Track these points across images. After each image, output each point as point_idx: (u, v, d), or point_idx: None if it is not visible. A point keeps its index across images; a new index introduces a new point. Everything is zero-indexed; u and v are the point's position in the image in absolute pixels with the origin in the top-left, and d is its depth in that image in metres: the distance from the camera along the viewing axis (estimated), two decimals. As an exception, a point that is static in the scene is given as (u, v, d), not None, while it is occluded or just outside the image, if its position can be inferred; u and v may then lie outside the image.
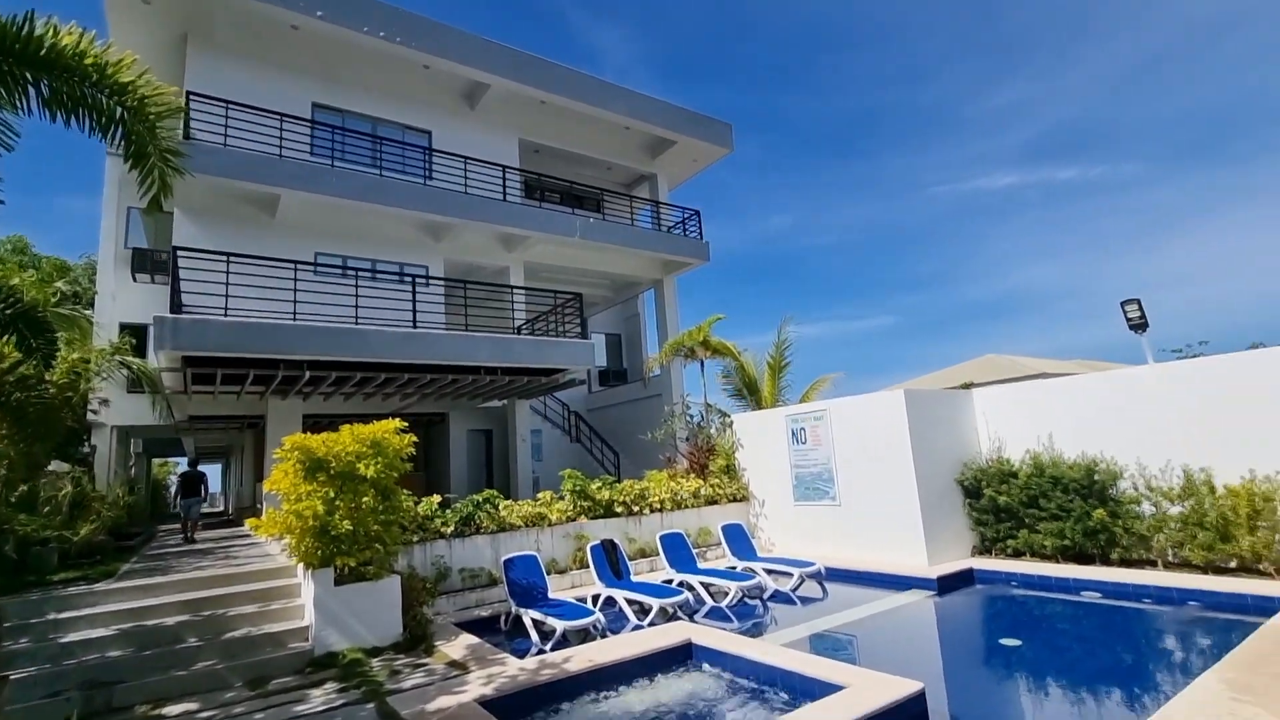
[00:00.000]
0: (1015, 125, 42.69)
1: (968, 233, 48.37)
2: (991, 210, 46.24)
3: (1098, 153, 42.38)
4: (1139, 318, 9.20)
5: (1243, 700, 4.08)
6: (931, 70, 43.38)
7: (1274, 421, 7.79)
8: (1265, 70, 37.13)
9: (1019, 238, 45.79)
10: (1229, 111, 38.25)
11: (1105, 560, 8.71)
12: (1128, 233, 42.22)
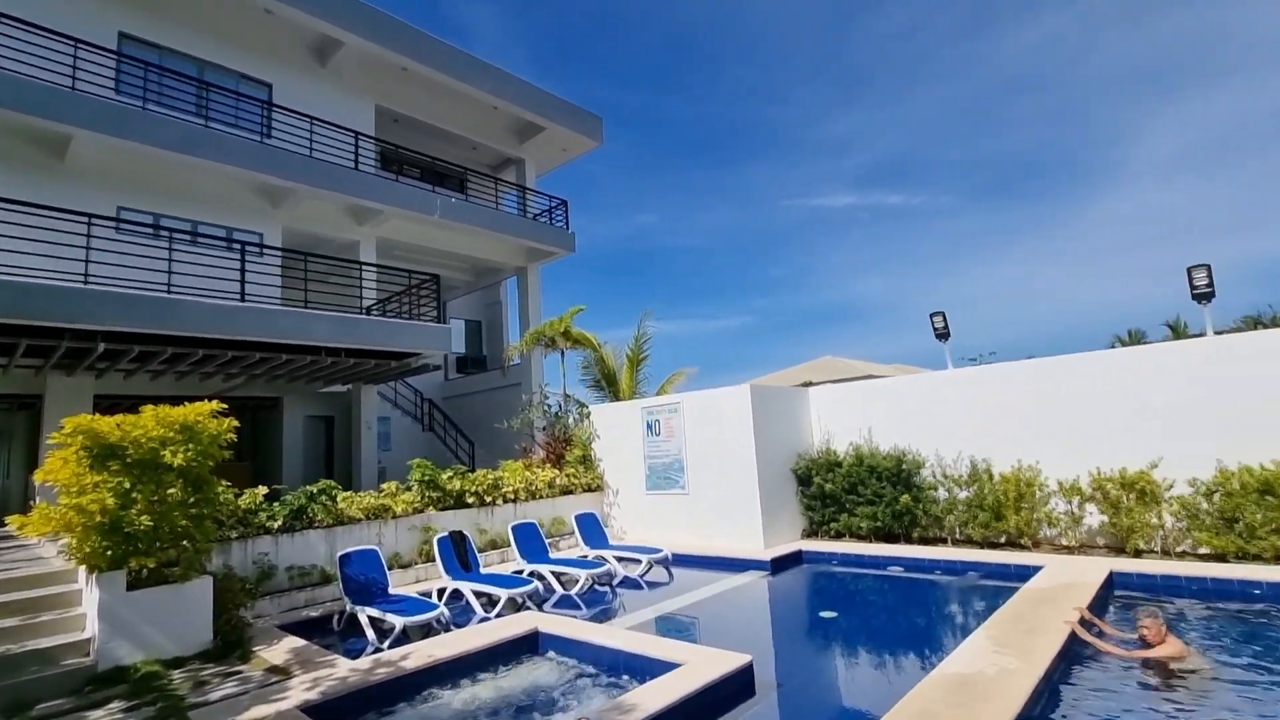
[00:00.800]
0: (854, 151, 47.27)
1: (812, 244, 52.81)
2: (832, 226, 50.87)
3: (919, 184, 48.18)
4: (943, 328, 10.60)
5: (1002, 652, 4.88)
6: (788, 91, 46.66)
7: (1035, 419, 9.35)
8: (1053, 126, 44.14)
9: (854, 253, 50.79)
10: (1022, 159, 45.14)
11: (908, 539, 9.95)
12: (940, 255, 48.41)
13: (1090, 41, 38.19)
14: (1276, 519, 7.22)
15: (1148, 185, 39.55)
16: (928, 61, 42.20)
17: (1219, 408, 8.01)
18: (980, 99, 43.18)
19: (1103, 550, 8.52)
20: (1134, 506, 8.17)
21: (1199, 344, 8.57)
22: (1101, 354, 9.22)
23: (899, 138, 46.36)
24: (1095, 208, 41.30)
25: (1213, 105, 36.88)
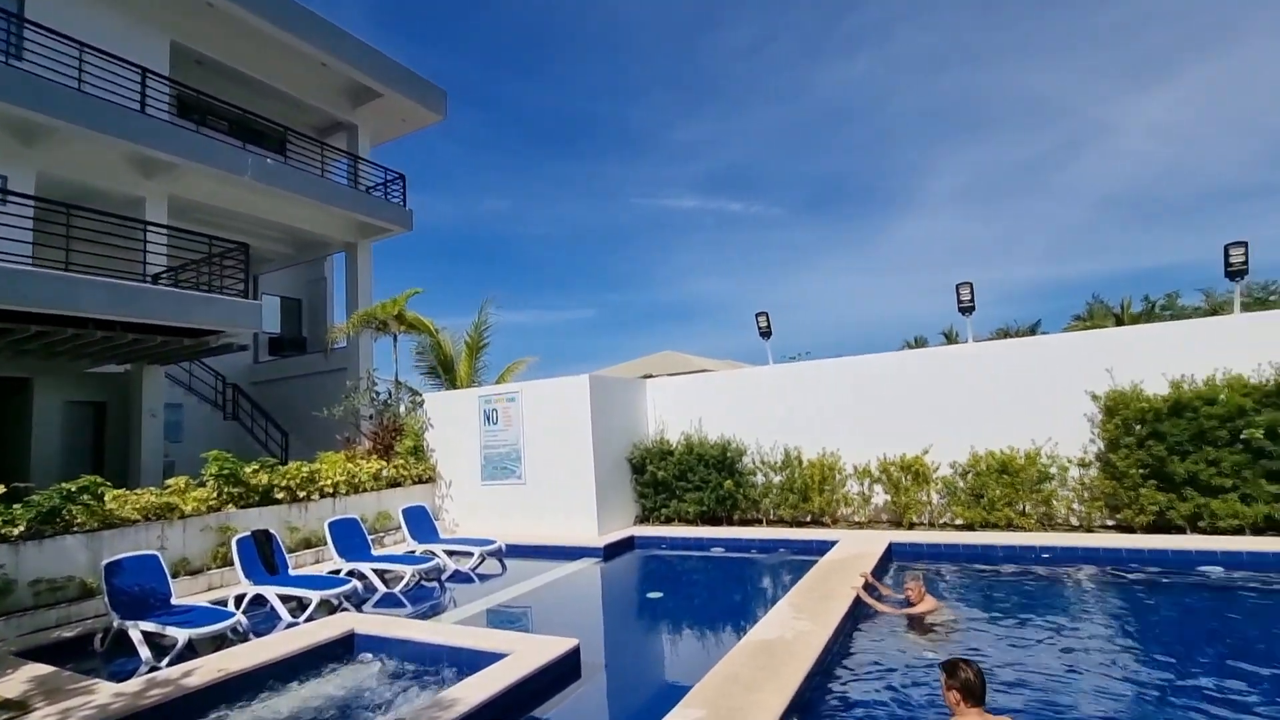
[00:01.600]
0: (700, 157, 49.70)
1: (659, 243, 54.67)
2: (679, 227, 53.08)
3: (757, 194, 51.95)
4: (766, 327, 11.56)
5: (800, 617, 5.45)
6: (644, 92, 47.75)
7: (837, 411, 10.55)
8: (865, 155, 49.79)
9: (698, 254, 53.44)
10: (840, 181, 50.41)
11: (730, 521, 10.74)
12: (774, 262, 52.61)
13: (894, 85, 43.61)
14: (1009, 494, 8.84)
15: (934, 215, 46.14)
16: (767, 80, 45.50)
17: (973, 402, 9.61)
18: (808, 122, 47.50)
19: (886, 525, 9.84)
20: (910, 486, 9.55)
21: (960, 349, 10.23)
22: (889, 355, 10.63)
23: (741, 149, 49.51)
24: (895, 230, 47.38)
25: (983, 152, 43.95)
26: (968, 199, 45.51)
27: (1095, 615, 6.29)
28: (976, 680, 3.25)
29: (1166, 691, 4.37)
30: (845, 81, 43.07)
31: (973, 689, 3.23)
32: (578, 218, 53.00)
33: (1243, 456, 7.59)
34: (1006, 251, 44.64)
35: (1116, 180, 41.06)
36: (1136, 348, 8.81)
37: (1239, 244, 8.32)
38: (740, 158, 49.88)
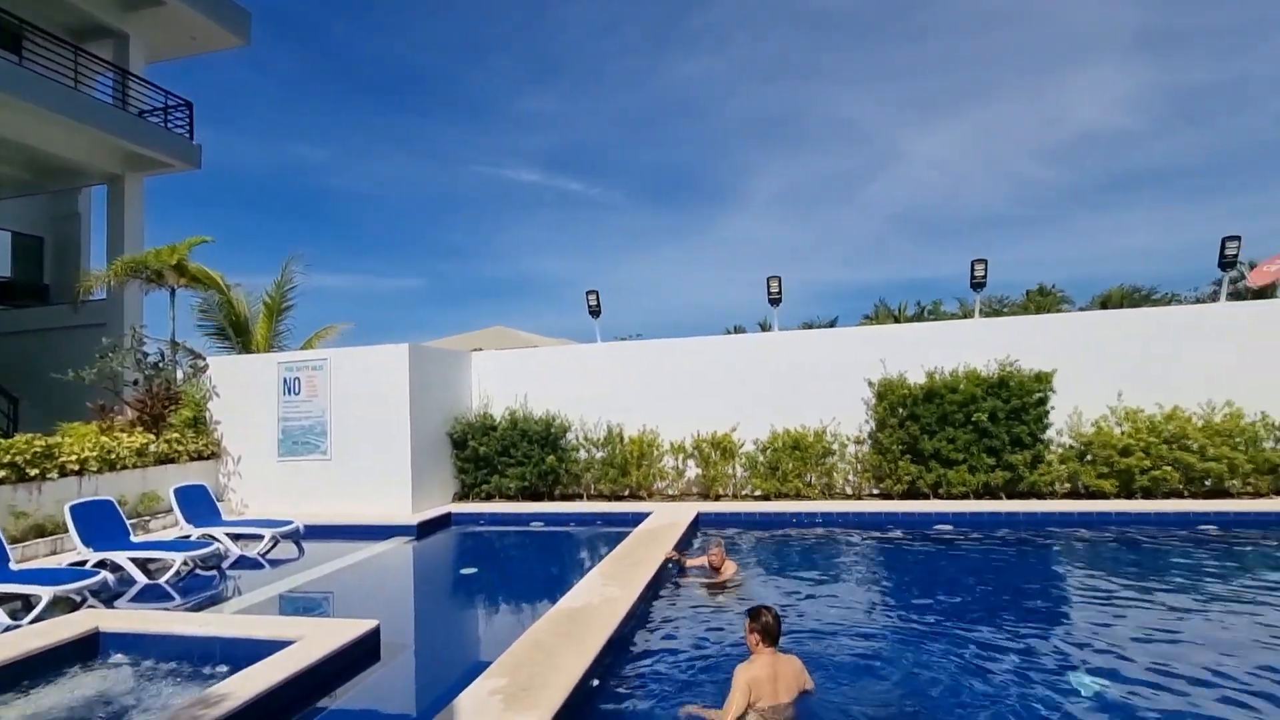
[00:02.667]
0: (544, 132, 48.57)
1: (497, 215, 52.69)
2: (518, 201, 51.55)
3: (598, 176, 52.17)
4: (596, 306, 11.76)
5: (609, 584, 5.69)
6: (486, 55, 45.30)
7: (658, 389, 11.08)
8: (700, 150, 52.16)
9: (537, 230, 52.40)
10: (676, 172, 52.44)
11: (551, 496, 10.84)
12: (613, 245, 53.30)
13: (731, 87, 46.15)
14: (800, 467, 9.96)
15: (758, 214, 49.86)
16: (615, 63, 45.59)
17: (775, 384, 10.65)
18: (651, 111, 48.54)
19: (696, 497, 10.58)
20: (719, 461, 10.35)
21: (767, 336, 11.25)
22: (706, 339, 11.37)
23: (586, 129, 49.17)
24: (724, 225, 50.37)
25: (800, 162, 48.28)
26: (786, 203, 49.75)
27: (861, 568, 7.35)
28: (774, 624, 3.69)
29: (910, 621, 5.27)
30: (688, 77, 44.61)
31: (770, 631, 3.67)
32: (408, 178, 49.20)
33: (972, 435, 9.27)
34: (815, 254, 49.65)
35: (902, 201, 47.43)
36: (904, 343, 10.32)
37: (980, 261, 10.10)
38: (584, 138, 49.67)
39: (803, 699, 3.63)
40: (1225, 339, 9.38)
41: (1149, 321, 9.95)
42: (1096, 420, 9.37)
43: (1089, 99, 39.56)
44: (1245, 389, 9.02)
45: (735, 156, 48.32)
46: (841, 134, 45.62)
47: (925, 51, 40.85)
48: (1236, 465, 8.54)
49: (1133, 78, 38.04)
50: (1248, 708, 3.72)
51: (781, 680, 3.50)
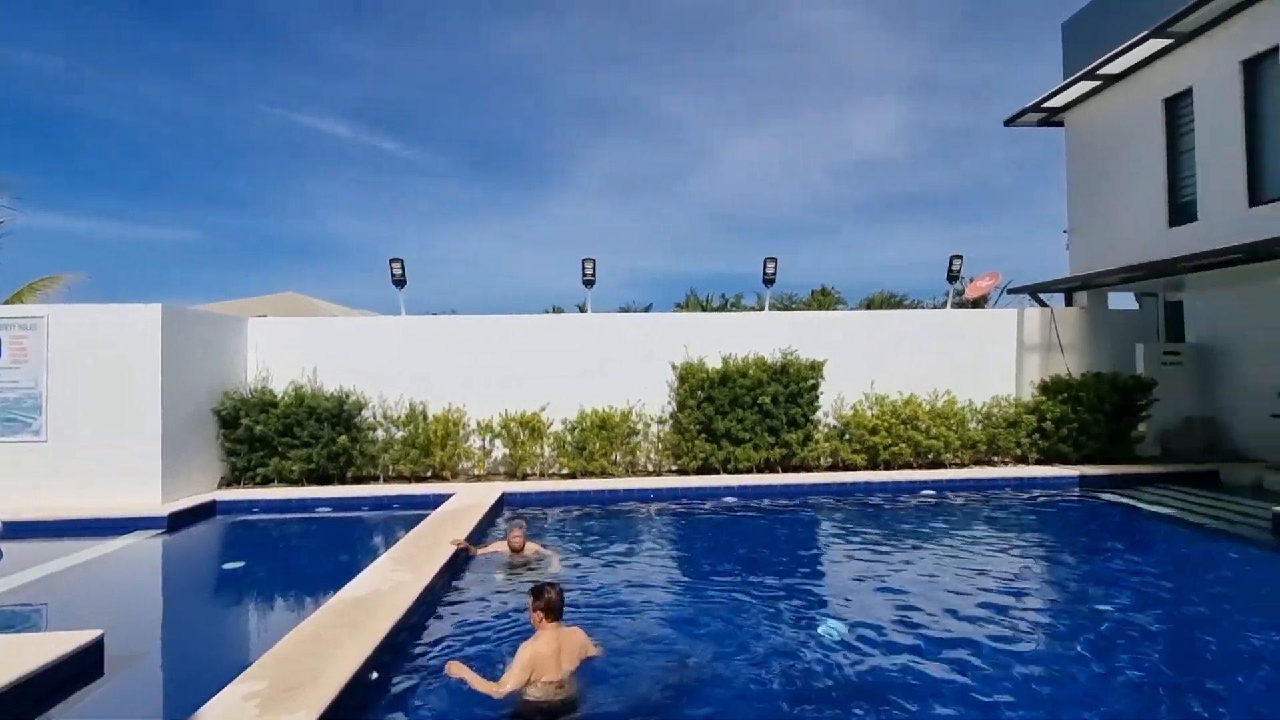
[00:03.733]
0: (356, 79, 43.55)
1: (293, 166, 46.31)
2: (319, 153, 45.84)
3: (417, 138, 48.33)
4: (400, 275, 10.96)
5: (400, 569, 5.38)
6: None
7: (468, 367, 10.71)
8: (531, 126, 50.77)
9: (341, 188, 47.08)
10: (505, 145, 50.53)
11: (343, 480, 9.97)
12: (428, 214, 49.82)
13: (562, 64, 45.64)
14: (606, 446, 10.28)
15: (585, 197, 50.11)
16: (442, 17, 42.38)
17: (586, 365, 10.85)
18: (480, 77, 46.11)
19: (503, 477, 10.43)
20: (527, 441, 10.30)
21: (579, 318, 11.40)
22: (519, 317, 11.22)
23: (403, 84, 45.11)
24: (551, 205, 49.83)
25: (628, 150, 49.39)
26: (613, 189, 50.65)
27: (657, 540, 7.81)
28: (557, 600, 3.75)
29: (700, 581, 5.71)
30: (519, 47, 43.10)
31: (553, 607, 3.72)
32: (177, 109, 41.28)
33: (757, 416, 10.29)
34: (638, 242, 51.31)
35: (717, 199, 50.88)
36: (705, 330, 11.11)
37: (771, 259, 11.20)
38: (403, 94, 45.68)
39: (586, 665, 3.77)
40: (946, 339, 11.48)
41: (897, 322, 11.83)
42: (854, 404, 10.94)
43: (870, 129, 45.74)
44: (958, 379, 11.14)
45: (563, 136, 47.96)
46: (665, 128, 47.51)
47: (742, 64, 44.05)
48: (950, 442, 10.53)
49: (903, 115, 44.74)
50: (961, 632, 4.62)
51: (565, 653, 3.60)
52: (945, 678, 3.97)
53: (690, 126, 46.93)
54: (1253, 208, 9.19)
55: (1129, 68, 11.00)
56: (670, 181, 48.60)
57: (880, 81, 45.64)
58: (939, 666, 4.14)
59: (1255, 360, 10.51)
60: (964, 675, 3.98)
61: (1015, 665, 4.11)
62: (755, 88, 45.92)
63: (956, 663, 4.17)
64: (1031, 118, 13.22)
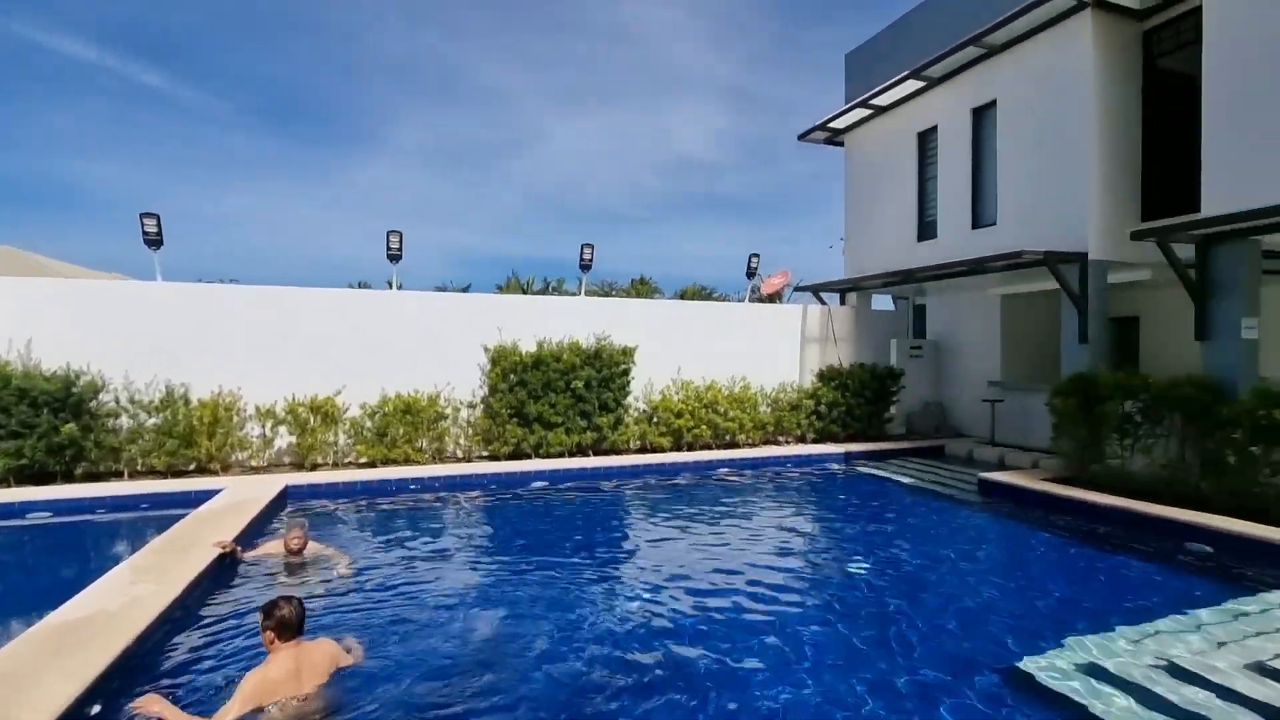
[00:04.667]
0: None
1: (12, 87, 36.66)
2: (53, 76, 36.80)
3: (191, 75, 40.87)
4: (155, 234, 9.22)
5: (141, 581, 4.57)
6: None
7: (246, 345, 9.40)
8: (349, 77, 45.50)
9: (86, 123, 38.29)
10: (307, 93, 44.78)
11: (69, 477, 8.22)
12: (202, 164, 42.56)
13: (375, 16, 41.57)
14: (410, 432, 9.69)
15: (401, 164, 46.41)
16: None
17: (389, 346, 10.11)
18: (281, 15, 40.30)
19: (288, 468, 9.35)
20: (318, 427, 9.33)
21: (381, 295, 10.56)
22: (311, 291, 10.07)
23: (176, 9, 37.81)
24: (360, 168, 45.43)
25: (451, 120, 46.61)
26: (434, 160, 47.58)
27: (462, 529, 7.52)
28: (293, 616, 3.37)
29: (505, 569, 5.59)
30: None
31: (288, 624, 3.34)
32: None
33: (570, 400, 10.39)
34: (462, 219, 48.83)
35: (543, 181, 50.22)
36: (520, 312, 10.93)
37: (588, 245, 11.33)
38: (175, 21, 38.36)
39: (339, 676, 3.48)
40: (744, 330, 12.56)
41: (702, 312, 12.65)
42: (663, 389, 11.51)
43: (690, 129, 48.08)
44: (753, 367, 12.25)
45: (379, 95, 43.90)
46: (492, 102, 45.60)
47: (572, 46, 43.73)
48: (744, 424, 11.55)
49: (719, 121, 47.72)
50: (751, 590, 5.06)
51: (306, 671, 3.28)
52: (746, 634, 4.35)
53: (519, 104, 45.70)
54: (974, 230, 11.26)
55: (894, 101, 12.81)
56: (495, 158, 46.96)
57: (702, 85, 48.18)
58: (732, 625, 4.54)
59: (973, 355, 12.94)
60: (760, 630, 4.40)
61: (787, 605, 4.65)
62: (585, 73, 46.05)
63: (747, 617, 4.59)
64: (819, 135, 14.84)
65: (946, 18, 11.64)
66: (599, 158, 49.47)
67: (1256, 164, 7.18)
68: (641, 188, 49.34)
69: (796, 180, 50.89)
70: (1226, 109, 7.47)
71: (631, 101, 47.76)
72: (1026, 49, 10.11)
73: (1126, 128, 9.37)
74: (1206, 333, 7.74)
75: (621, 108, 47.28)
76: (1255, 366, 7.54)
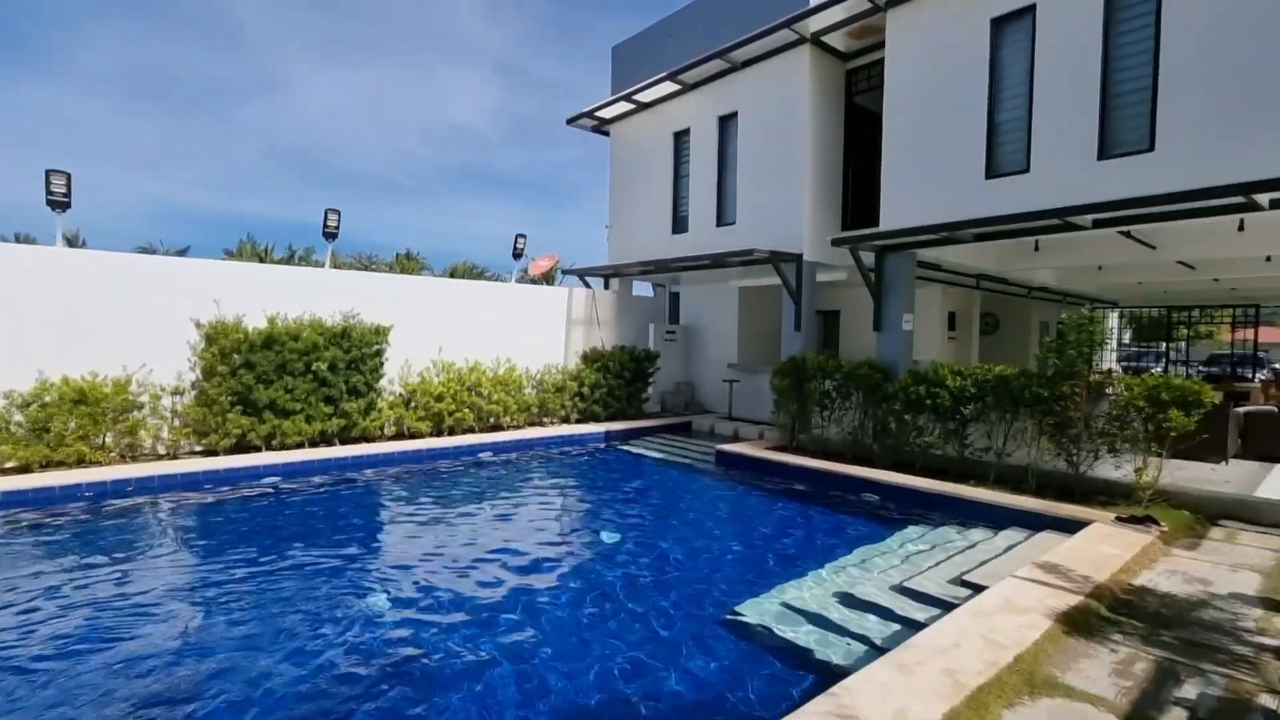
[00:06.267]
0: None
1: None
2: None
3: None
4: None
5: None
6: None
7: None
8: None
9: None
10: None
11: None
12: None
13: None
14: (87, 426, 7.77)
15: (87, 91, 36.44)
16: None
17: (51, 320, 7.96)
18: None
19: (-121, 481, 6.86)
20: (-68, 424, 6.99)
21: (44, 252, 8.20)
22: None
23: None
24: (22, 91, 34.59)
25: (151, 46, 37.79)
26: (139, 92, 38.16)
27: (162, 542, 6.23)
28: None
29: (225, 579, 4.73)
30: None
31: None
32: None
33: (311, 385, 9.25)
34: (181, 168, 40.08)
35: (288, 135, 43.57)
36: (247, 284, 9.39)
37: (334, 210, 10.13)
38: None
39: None
40: (510, 310, 12.42)
41: (466, 291, 12.18)
42: (422, 371, 10.86)
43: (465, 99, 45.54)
44: (518, 348, 12.18)
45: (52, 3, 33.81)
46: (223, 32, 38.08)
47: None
48: (509, 406, 11.44)
49: (496, 95, 45.99)
50: (509, 566, 4.96)
51: None
52: (507, 626, 4.27)
53: (260, 41, 38.89)
54: (718, 228, 12.54)
55: (654, 100, 13.61)
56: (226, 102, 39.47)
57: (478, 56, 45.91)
58: (491, 614, 4.44)
59: (716, 340, 14.47)
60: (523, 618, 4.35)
61: (544, 578, 4.70)
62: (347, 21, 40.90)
63: (509, 605, 4.53)
64: (587, 123, 15.18)
65: (702, 27, 12.65)
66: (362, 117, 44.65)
67: (916, 193, 9.10)
68: (410, 155, 45.80)
69: (571, 163, 51.60)
70: (899, 146, 9.33)
71: (401, 61, 43.80)
72: (762, 70, 11.46)
73: (832, 150, 11.19)
74: (880, 324, 9.65)
75: (389, 66, 43.18)
76: (911, 352, 9.61)
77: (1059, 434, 7.10)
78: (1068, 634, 3.74)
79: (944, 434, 8.08)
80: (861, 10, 9.56)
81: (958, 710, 2.92)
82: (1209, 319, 22.80)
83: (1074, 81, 7.56)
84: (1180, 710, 3.02)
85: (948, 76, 8.72)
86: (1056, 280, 14.27)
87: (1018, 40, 8.08)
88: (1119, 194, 7.05)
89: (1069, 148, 7.62)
